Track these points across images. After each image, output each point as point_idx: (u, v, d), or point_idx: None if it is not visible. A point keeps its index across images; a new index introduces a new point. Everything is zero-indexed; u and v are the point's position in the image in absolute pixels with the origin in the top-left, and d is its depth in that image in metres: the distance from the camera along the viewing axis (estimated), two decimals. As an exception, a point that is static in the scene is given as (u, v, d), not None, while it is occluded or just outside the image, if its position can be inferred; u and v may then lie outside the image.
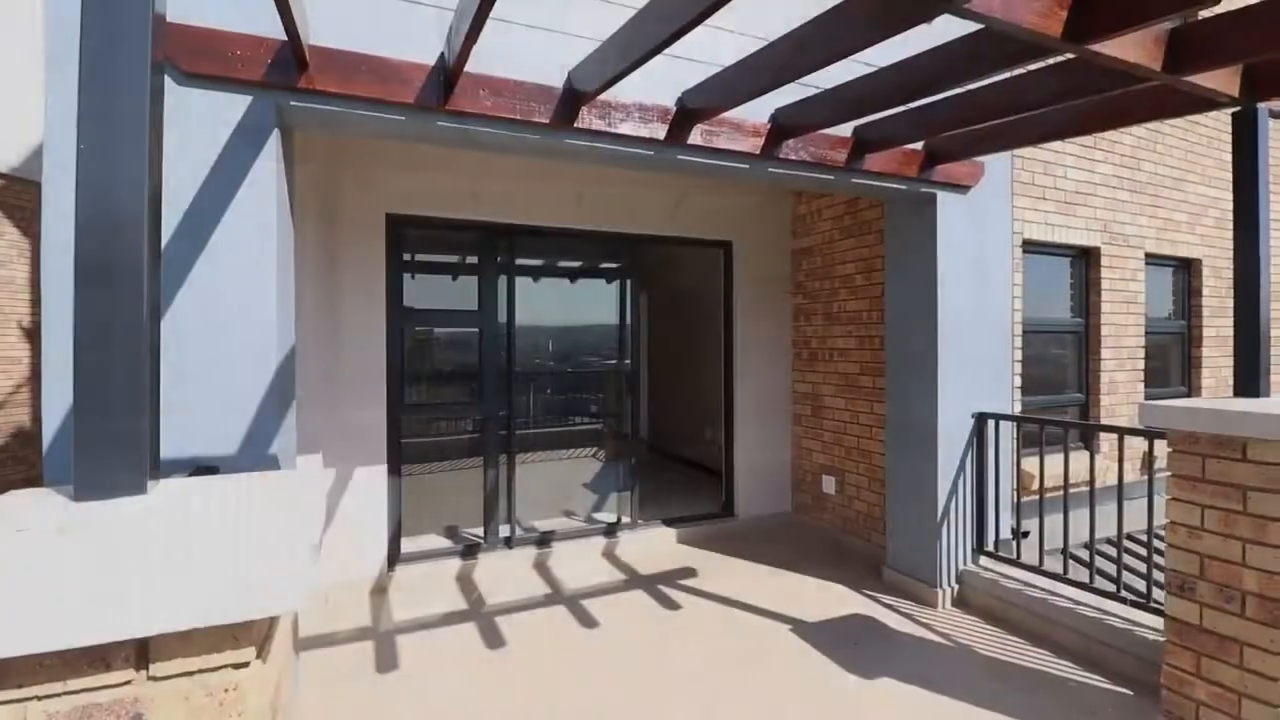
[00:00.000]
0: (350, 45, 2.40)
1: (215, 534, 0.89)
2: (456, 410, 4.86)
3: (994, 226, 4.18)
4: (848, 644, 3.39)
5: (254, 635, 0.93)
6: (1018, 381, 4.51)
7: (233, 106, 2.27)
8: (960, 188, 3.96)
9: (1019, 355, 4.52)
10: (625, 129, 2.91)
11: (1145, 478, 3.14)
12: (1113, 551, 3.41)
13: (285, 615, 1.15)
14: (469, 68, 2.55)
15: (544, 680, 3.05)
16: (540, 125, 2.73)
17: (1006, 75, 2.79)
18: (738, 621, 3.68)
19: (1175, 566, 2.55)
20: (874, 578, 4.29)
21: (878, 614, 3.77)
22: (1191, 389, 5.83)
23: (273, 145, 2.32)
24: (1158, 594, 2.83)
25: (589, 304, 5.54)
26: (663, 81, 3.00)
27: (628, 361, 5.20)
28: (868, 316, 4.79)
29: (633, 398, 5.24)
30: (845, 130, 3.48)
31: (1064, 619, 3.36)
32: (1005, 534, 4.05)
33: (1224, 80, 2.52)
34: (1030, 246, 4.76)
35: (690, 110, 2.99)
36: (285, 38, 2.14)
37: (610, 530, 4.90)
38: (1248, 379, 2.65)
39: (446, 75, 2.49)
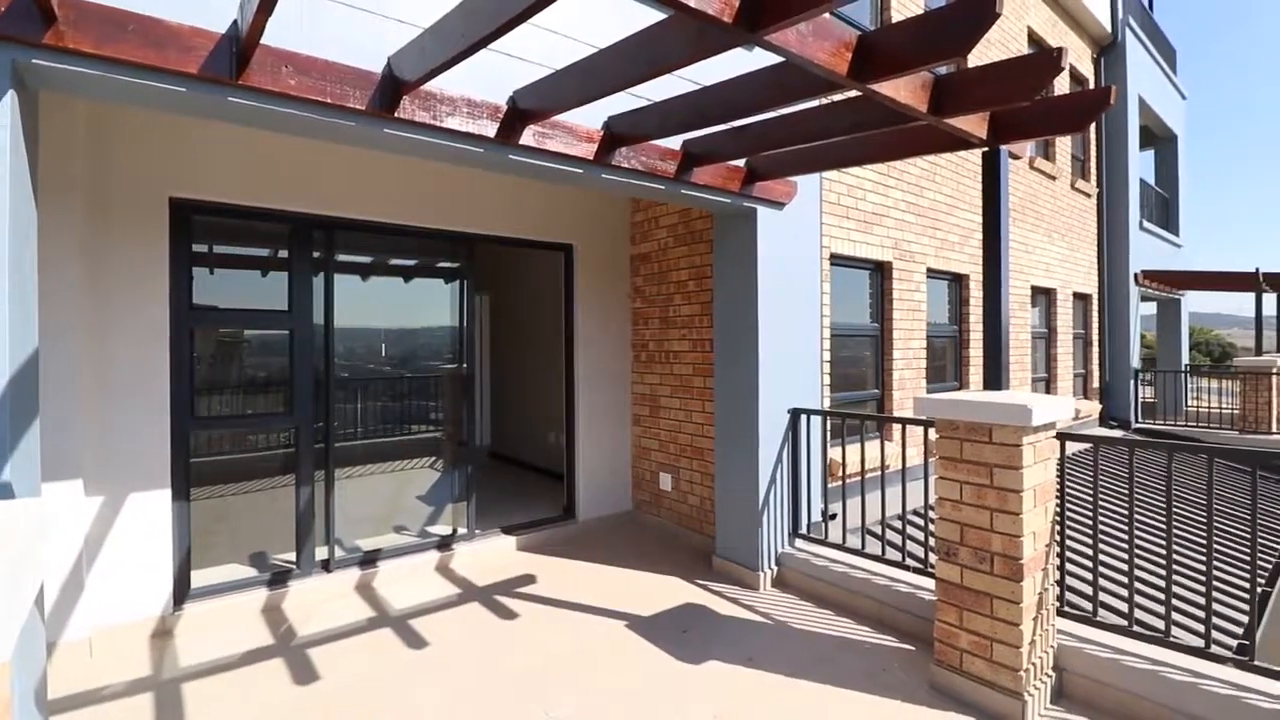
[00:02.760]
0: (114, 0, 2.06)
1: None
2: (262, 422, 4.31)
3: (806, 240, 4.63)
4: (678, 632, 3.55)
5: (-62, 704, 0.75)
6: (827, 380, 5.02)
7: (-51, 58, 1.85)
8: (777, 204, 4.33)
9: (828, 356, 5.05)
10: (453, 124, 2.80)
11: (928, 461, 3.63)
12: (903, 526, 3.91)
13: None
14: (272, 42, 2.31)
15: (364, 710, 2.83)
16: (355, 112, 2.54)
17: (813, 104, 3.10)
18: (574, 623, 3.69)
19: (942, 535, 2.98)
20: (705, 567, 4.53)
21: (707, 601, 3.98)
22: (962, 383, 6.89)
23: (8, 110, 1.93)
24: (934, 559, 3.27)
25: (425, 305, 5.25)
26: (495, 80, 2.94)
27: (465, 365, 5.01)
28: (699, 321, 5.06)
29: (470, 403, 5.06)
30: (675, 143, 3.66)
31: (862, 589, 3.79)
32: (816, 517, 4.49)
33: (975, 124, 3.00)
34: (836, 260, 5.34)
35: (522, 110, 2.96)
36: (22, -19, 1.79)
37: (445, 543, 4.68)
38: (993, 374, 3.17)
39: (240, 46, 2.22)
